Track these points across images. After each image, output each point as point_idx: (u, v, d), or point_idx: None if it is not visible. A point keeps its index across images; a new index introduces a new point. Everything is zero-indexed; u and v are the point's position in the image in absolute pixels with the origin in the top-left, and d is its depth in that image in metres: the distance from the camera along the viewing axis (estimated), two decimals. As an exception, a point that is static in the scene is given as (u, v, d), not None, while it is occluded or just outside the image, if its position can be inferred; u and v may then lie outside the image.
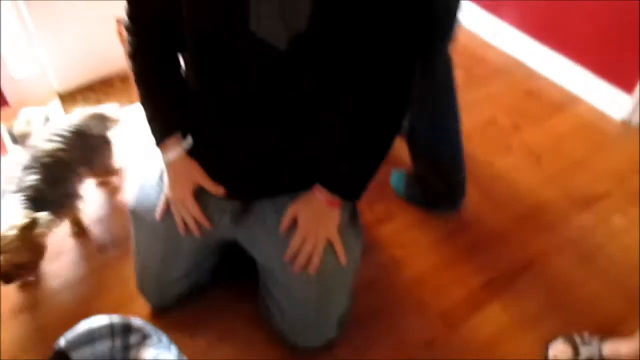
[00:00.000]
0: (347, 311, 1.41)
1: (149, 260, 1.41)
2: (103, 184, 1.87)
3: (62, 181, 1.54)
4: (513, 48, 2.56)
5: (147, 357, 1.09)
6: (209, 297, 1.53)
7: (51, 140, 1.54)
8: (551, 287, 1.62)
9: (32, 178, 1.45)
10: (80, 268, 1.65)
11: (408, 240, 1.74)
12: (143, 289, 1.48)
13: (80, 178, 1.62)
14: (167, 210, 1.31)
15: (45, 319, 1.50)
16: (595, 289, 1.61)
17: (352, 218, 1.34)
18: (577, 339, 1.42)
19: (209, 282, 1.51)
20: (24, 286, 1.57)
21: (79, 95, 2.43)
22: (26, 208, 1.39)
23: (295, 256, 1.24)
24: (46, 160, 1.50)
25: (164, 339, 1.12)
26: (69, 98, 2.42)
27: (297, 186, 1.28)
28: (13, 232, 1.32)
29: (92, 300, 1.56)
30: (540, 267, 1.68)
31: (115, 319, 1.11)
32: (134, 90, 1.27)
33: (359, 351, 1.44)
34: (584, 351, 1.40)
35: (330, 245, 1.25)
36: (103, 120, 1.75)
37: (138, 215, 1.39)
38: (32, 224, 1.35)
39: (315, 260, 1.23)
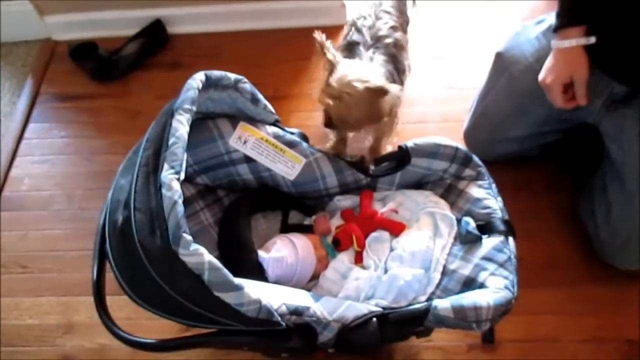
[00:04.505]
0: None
1: (494, 109, 1.38)
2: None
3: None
4: None
5: (475, 195, 1.10)
6: (524, 167, 1.47)
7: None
8: None
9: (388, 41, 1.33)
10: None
11: None
12: (470, 134, 1.46)
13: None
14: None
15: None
16: None
17: None
18: None
19: (535, 156, 1.45)
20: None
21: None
22: (384, 74, 1.26)
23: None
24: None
25: (494, 187, 1.11)
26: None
27: None
28: (361, 86, 1.14)
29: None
30: None
31: (461, 147, 1.12)
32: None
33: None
34: None
35: None
36: None
37: (503, 62, 1.34)
38: (382, 91, 1.15)
39: (686, 187, 1.07)
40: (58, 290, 1.44)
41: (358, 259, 1.11)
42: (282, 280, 1.05)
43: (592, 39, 1.09)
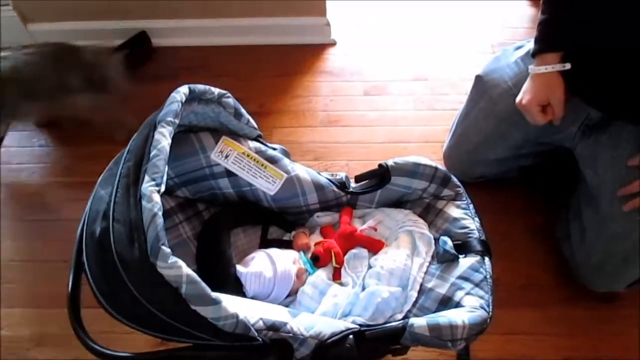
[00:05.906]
0: (645, 279, 1.26)
1: (473, 130, 1.40)
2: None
3: None
4: None
5: (453, 214, 1.11)
6: (502, 189, 1.50)
7: None
8: None
9: None
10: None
11: None
12: (450, 155, 1.49)
13: None
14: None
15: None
16: None
17: None
18: None
19: (513, 178, 1.47)
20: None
21: None
22: None
23: (632, 194, 1.13)
24: None
25: (472, 207, 1.13)
26: None
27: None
28: None
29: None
30: None
31: (440, 167, 1.14)
32: None
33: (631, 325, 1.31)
34: None
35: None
36: None
37: (483, 85, 1.37)
38: None
39: (656, 210, 1.10)
40: (31, 302, 1.41)
41: (336, 276, 1.11)
42: (260, 296, 1.04)
43: (568, 66, 1.13)
